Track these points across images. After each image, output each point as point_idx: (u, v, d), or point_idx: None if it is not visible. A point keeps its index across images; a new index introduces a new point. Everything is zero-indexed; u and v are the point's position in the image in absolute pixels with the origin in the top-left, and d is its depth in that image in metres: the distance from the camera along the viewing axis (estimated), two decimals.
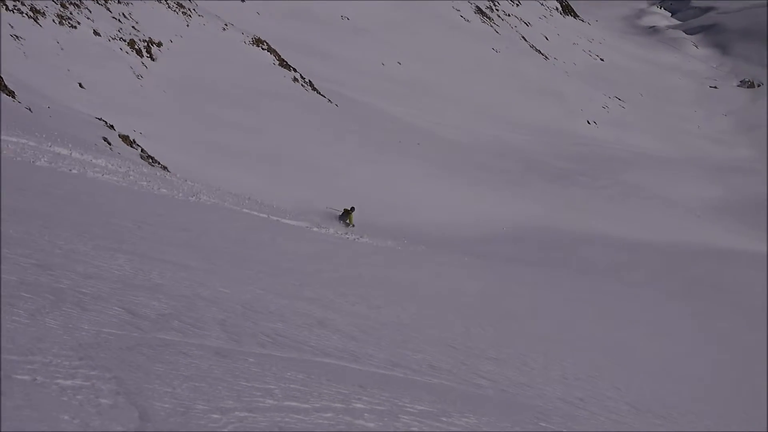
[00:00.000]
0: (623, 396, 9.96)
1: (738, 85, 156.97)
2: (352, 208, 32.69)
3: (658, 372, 14.31)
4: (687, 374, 15.17)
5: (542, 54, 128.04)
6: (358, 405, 4.77)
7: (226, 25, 60.23)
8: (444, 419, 5.08)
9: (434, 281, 20.27)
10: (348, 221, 32.15)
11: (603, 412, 8.20)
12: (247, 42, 60.45)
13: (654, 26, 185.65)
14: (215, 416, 3.82)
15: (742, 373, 17.70)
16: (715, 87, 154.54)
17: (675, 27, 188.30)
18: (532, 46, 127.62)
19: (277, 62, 61.05)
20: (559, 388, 9.07)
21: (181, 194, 21.87)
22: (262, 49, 61.13)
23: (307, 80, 61.62)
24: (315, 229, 25.26)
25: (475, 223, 43.54)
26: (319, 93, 61.32)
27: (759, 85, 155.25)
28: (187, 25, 56.40)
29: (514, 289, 23.87)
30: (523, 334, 14.17)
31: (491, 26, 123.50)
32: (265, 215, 23.96)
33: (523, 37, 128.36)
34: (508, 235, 43.10)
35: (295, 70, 61.70)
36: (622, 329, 20.43)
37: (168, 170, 30.12)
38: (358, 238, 26.70)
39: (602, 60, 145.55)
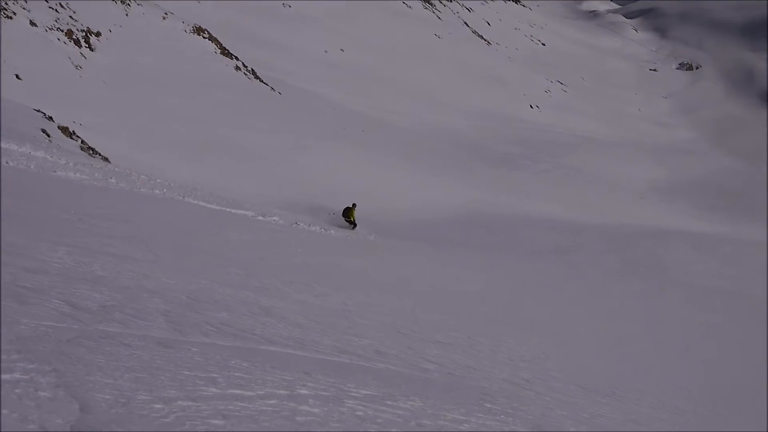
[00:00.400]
0: (569, 376, 10.07)
1: (677, 68, 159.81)
2: (354, 205, 32.76)
3: (603, 351, 14.52)
4: (631, 352, 15.41)
5: (485, 39, 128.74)
6: (303, 391, 4.77)
7: (166, 14, 59.36)
8: (389, 403, 5.09)
9: (381, 267, 20.31)
10: (350, 218, 32.34)
11: (549, 392, 8.29)
12: (188, 31, 59.67)
13: (594, 11, 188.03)
14: (158, 406, 3.79)
15: (684, 350, 18.05)
16: (655, 70, 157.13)
17: (615, 11, 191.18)
18: (474, 32, 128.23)
19: (219, 51, 60.40)
20: (505, 369, 9.14)
21: (123, 185, 21.58)
22: (203, 37, 60.42)
23: (249, 69, 61.10)
24: (260, 218, 25.11)
25: (421, 209, 43.69)
26: (262, 81, 60.86)
27: (697, 68, 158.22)
28: (126, 15, 55.47)
29: (460, 273, 24.01)
30: (470, 317, 14.25)
31: (433, 12, 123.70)
32: (209, 205, 23.76)
33: (465, 23, 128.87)
34: (454, 219, 43.31)
35: (237, 58, 61.14)
36: (568, 310, 20.69)
37: (109, 161, 29.66)
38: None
39: (544, 45, 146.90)
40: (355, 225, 32.16)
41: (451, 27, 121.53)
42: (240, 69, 59.96)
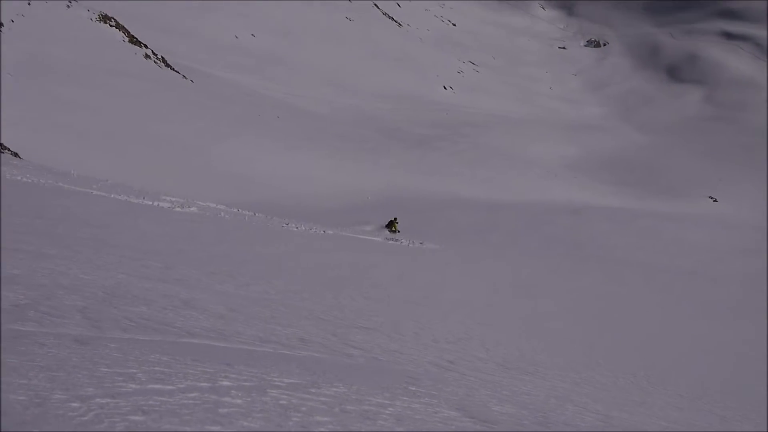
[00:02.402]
0: (492, 355, 10.21)
1: (585, 45, 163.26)
2: (396, 219, 35.25)
3: (525, 329, 14.75)
4: (553, 329, 15.70)
5: (395, 21, 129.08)
6: (225, 383, 4.72)
7: (70, 2, 57.82)
8: (313, 390, 5.08)
9: (302, 255, 20.23)
10: (393, 229, 34.63)
11: (473, 372, 8.39)
12: (94, 19, 58.32)
13: None
14: (74, 405, 3.71)
15: (605, 324, 18.47)
16: (564, 48, 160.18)
17: None
18: (385, 14, 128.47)
19: (127, 39, 59.24)
20: (430, 352, 9.22)
21: (34, 180, 21.02)
22: (110, 26, 59.13)
23: (159, 56, 60.11)
24: (178, 209, 24.75)
25: (339, 193, 43.68)
26: (173, 69, 59.95)
27: (605, 44, 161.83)
28: (29, 4, 53.89)
29: (381, 258, 24.09)
30: (394, 301, 14.32)
31: None
32: (125, 198, 23.31)
33: (375, 5, 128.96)
34: (371, 203, 43.41)
35: (146, 46, 60.07)
36: (489, 290, 20.96)
37: (19, 156, 28.84)
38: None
39: (454, 25, 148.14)
40: (397, 231, 34.67)
41: (362, 9, 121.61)
42: (150, 57, 58.95)
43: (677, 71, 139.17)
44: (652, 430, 7.49)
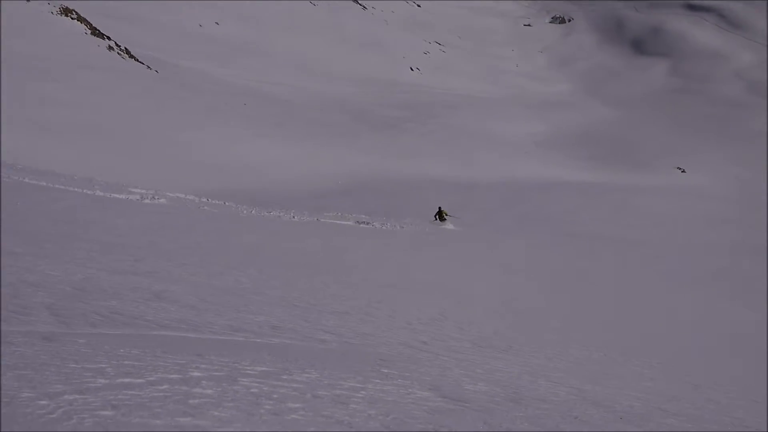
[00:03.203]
0: (466, 335, 10.24)
1: (550, 22, 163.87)
2: (440, 208, 35.97)
3: (500, 308, 14.81)
4: (527, 306, 15.79)
5: (360, 4, 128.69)
6: (196, 373, 4.71)
7: None
8: (285, 377, 5.09)
9: (274, 242, 20.18)
10: (443, 217, 35.49)
11: (446, 352, 8.42)
12: (55, 12, 57.55)
13: None
14: (43, 402, 3.69)
15: (577, 298, 18.61)
16: (529, 25, 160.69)
17: None
18: None
19: (89, 31, 58.55)
20: (403, 334, 9.23)
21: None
22: (72, 18, 58.40)
23: (123, 48, 59.48)
24: (148, 201, 24.59)
25: (310, 178, 43.59)
26: (138, 60, 59.39)
27: (569, 20, 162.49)
28: None
29: (354, 242, 24.09)
30: (367, 285, 14.32)
31: None
32: (92, 191, 23.11)
33: None
34: (343, 187, 43.37)
35: (109, 38, 59.42)
36: (464, 270, 21.03)
37: None
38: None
39: (419, 6, 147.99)
40: (444, 219, 35.53)
41: None
42: (113, 49, 58.35)
43: (642, 45, 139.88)
44: (624, 401, 7.57)
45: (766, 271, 28.87)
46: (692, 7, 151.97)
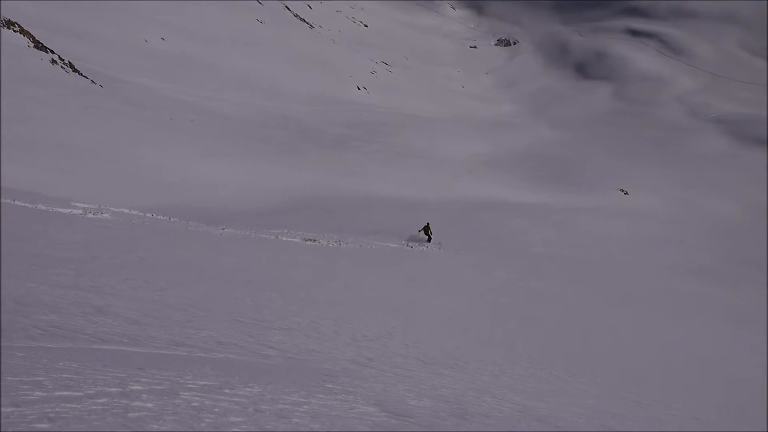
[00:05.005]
0: (412, 352, 10.25)
1: (496, 44, 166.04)
2: (428, 224, 36.83)
3: (445, 325, 14.85)
4: (473, 324, 15.84)
5: (307, 23, 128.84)
6: (136, 387, 4.64)
7: None
8: (227, 391, 5.04)
9: (220, 258, 20.00)
10: (427, 234, 36.37)
11: (391, 368, 8.42)
12: None
13: None
14: None
15: (523, 316, 18.74)
16: (475, 47, 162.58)
17: None
18: (296, 15, 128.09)
19: (32, 44, 57.54)
20: (349, 350, 9.21)
21: None
22: (14, 31, 57.34)
23: (67, 62, 58.59)
24: (91, 215, 24.23)
25: (256, 195, 43.33)
26: (82, 75, 58.53)
27: (515, 43, 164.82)
28: None
29: (301, 259, 23.99)
30: (313, 302, 14.26)
31: None
32: (33, 206, 22.71)
33: (286, 7, 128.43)
34: (290, 204, 43.17)
35: (52, 51, 58.48)
36: (410, 288, 21.05)
37: None
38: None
39: (366, 26, 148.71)
40: (430, 239, 36.42)
41: (273, 11, 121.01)
42: (57, 63, 57.41)
43: (586, 68, 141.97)
44: (568, 417, 7.63)
45: (706, 291, 29.42)
46: (634, 32, 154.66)
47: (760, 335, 22.26)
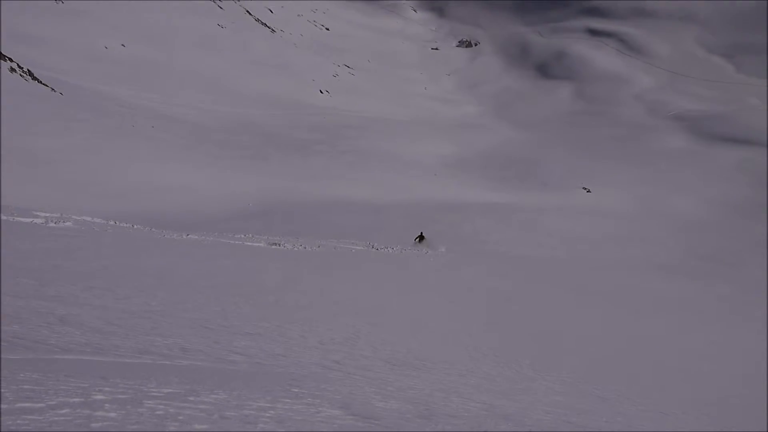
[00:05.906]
0: (379, 354, 10.25)
1: (457, 46, 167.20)
2: (422, 233, 37.89)
3: (412, 326, 14.85)
4: (439, 325, 15.87)
5: (268, 27, 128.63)
6: (99, 396, 4.60)
7: None
8: (191, 398, 5.01)
9: (184, 265, 19.86)
10: (422, 243, 37.18)
11: (358, 371, 8.42)
12: None
13: None
14: None
15: (489, 316, 18.81)
16: (437, 49, 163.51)
17: None
18: (257, 20, 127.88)
19: None
20: (316, 354, 9.20)
21: None
22: None
23: (25, 70, 57.97)
24: (52, 224, 23.97)
25: (220, 201, 43.16)
26: (41, 82, 57.96)
27: (476, 44, 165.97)
28: None
29: (266, 263, 23.90)
30: (280, 306, 14.21)
31: (214, 1, 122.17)
32: None
33: (247, 11, 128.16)
34: (254, 209, 43.04)
35: (10, 59, 57.83)
36: (376, 290, 21.04)
37: None
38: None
39: (328, 29, 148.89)
40: (422, 241, 37.46)
41: (234, 16, 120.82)
42: (15, 71, 56.80)
43: (547, 68, 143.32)
44: (534, 415, 7.67)
45: (669, 287, 29.77)
46: (594, 32, 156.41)
47: (723, 330, 22.58)
